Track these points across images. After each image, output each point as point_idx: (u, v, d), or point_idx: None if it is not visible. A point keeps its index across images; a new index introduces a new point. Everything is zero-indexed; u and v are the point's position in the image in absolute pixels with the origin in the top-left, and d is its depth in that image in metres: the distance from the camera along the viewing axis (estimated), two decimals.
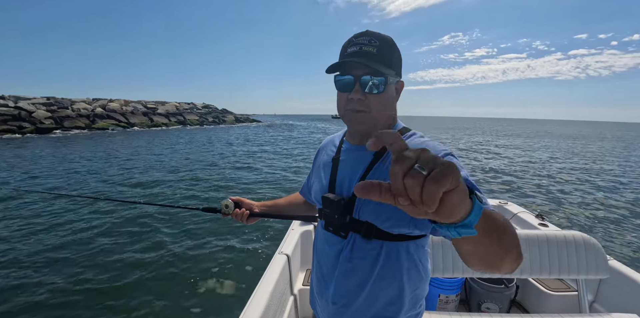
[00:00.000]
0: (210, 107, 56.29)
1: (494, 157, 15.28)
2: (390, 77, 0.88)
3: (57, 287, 3.75)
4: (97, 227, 5.59)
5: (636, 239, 5.44)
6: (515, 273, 1.86)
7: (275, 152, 17.28)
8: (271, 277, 1.84)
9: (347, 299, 0.98)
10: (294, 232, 2.55)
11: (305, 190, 1.31)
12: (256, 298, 1.62)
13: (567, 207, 7.29)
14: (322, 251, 1.07)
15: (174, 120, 40.85)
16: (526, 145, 22.74)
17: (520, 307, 2.44)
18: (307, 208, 1.34)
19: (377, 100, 0.88)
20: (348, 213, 0.95)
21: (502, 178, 10.23)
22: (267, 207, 1.30)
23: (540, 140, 28.92)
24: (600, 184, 9.62)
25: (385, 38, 0.88)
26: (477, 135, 37.89)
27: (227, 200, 1.25)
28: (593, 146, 23.94)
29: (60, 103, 32.06)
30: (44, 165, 11.96)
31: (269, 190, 8.63)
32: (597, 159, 15.82)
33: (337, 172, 1.01)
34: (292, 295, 2.19)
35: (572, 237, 1.87)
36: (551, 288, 2.25)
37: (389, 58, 0.88)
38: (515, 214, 2.98)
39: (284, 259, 2.10)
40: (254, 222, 1.28)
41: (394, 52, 0.90)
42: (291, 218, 1.31)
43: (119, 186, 8.80)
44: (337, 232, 0.99)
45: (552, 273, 1.84)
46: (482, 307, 2.31)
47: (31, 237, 5.17)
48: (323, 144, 1.19)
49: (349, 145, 1.03)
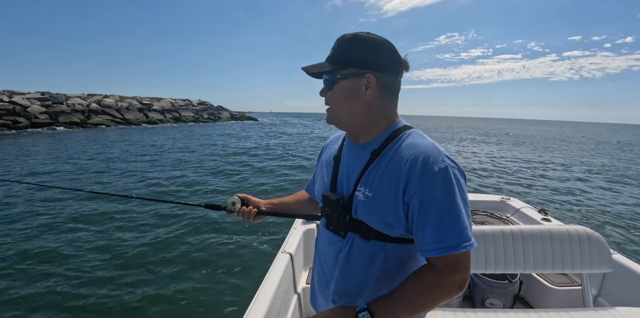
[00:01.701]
0: (206, 104, 55.99)
1: (492, 155, 15.34)
2: (342, 73, 0.90)
3: (52, 283, 3.73)
4: (96, 222, 5.56)
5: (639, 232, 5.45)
6: (518, 269, 1.86)
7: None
8: (275, 276, 1.84)
9: (347, 299, 0.98)
10: (297, 231, 2.54)
11: (311, 187, 1.29)
12: (260, 297, 1.62)
13: (569, 201, 7.32)
14: (323, 250, 1.07)
15: (169, 116, 40.62)
16: (528, 143, 22.86)
17: (524, 302, 2.45)
18: (313, 205, 1.33)
19: (331, 96, 0.94)
20: (347, 213, 0.95)
21: (505, 174, 10.29)
22: (273, 205, 1.29)
23: (544, 140, 29.03)
24: (602, 179, 9.70)
25: (345, 37, 0.90)
26: (476, 135, 38.00)
27: (234, 198, 1.21)
28: (593, 144, 24.10)
29: (55, 98, 31.73)
30: (46, 159, 11.85)
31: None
32: (597, 155, 15.94)
33: (338, 170, 1.02)
34: (295, 294, 2.18)
35: (575, 231, 1.87)
36: (555, 283, 2.26)
37: (342, 55, 0.90)
38: (518, 209, 2.99)
39: (287, 258, 2.09)
40: (260, 220, 1.27)
41: (352, 49, 0.90)
42: (298, 216, 1.27)
43: (119, 180, 8.74)
44: (337, 231, 0.99)
45: (555, 268, 1.83)
46: (486, 303, 2.32)
47: (33, 233, 5.14)
48: (328, 141, 1.19)
49: (349, 143, 1.03)
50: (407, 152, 0.86)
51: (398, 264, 0.92)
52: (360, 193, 0.91)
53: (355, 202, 0.92)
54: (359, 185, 0.92)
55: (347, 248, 0.96)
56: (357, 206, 0.92)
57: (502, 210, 3.18)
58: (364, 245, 0.93)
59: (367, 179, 0.90)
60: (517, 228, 1.89)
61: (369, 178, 0.90)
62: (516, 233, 1.86)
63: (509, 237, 1.86)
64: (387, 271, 0.93)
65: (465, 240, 0.80)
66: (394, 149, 0.89)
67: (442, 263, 0.82)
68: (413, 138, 0.90)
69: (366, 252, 0.93)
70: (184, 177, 9.50)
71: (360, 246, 0.94)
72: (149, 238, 5.03)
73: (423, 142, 0.88)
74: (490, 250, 1.85)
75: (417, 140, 0.88)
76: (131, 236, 5.09)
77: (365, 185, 0.90)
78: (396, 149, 0.89)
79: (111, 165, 10.95)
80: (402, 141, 0.90)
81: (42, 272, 3.96)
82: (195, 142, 19.35)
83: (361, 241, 0.93)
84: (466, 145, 22.55)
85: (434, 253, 0.81)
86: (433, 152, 0.84)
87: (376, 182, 0.88)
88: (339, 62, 0.91)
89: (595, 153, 17.45)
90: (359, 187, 0.92)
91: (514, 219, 2.96)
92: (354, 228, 0.94)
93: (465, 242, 0.80)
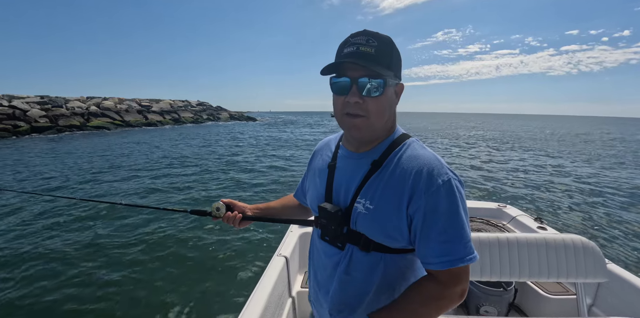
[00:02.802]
0: (205, 105, 56.01)
1: (490, 159, 15.30)
2: (390, 79, 0.84)
3: (43, 285, 3.75)
4: (84, 229, 5.53)
5: (635, 243, 5.45)
6: (514, 277, 1.86)
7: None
8: (269, 279, 1.84)
9: (346, 313, 0.96)
10: (293, 234, 2.55)
11: (300, 193, 1.26)
12: (254, 301, 1.62)
13: (565, 210, 7.30)
14: (319, 261, 1.05)
15: (169, 117, 40.60)
16: (527, 146, 22.81)
17: (518, 310, 2.44)
18: (301, 211, 1.30)
19: (375, 104, 0.83)
20: (345, 225, 0.93)
21: (501, 181, 10.24)
22: (260, 210, 1.25)
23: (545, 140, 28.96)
24: (599, 187, 9.65)
25: (384, 37, 0.84)
26: (475, 129, 37.96)
27: (218, 203, 1.18)
28: (593, 145, 24.04)
29: (54, 101, 31.72)
30: (36, 165, 11.86)
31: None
32: (593, 160, 15.89)
33: (333, 179, 0.98)
34: (290, 297, 2.18)
35: (570, 240, 1.86)
36: (550, 292, 2.25)
37: (388, 59, 0.84)
38: (514, 217, 2.98)
39: (282, 261, 2.09)
40: (245, 226, 1.23)
41: (393, 52, 0.85)
42: (284, 222, 1.21)
43: (102, 186, 8.71)
44: (334, 243, 0.97)
45: (550, 277, 1.83)
46: (481, 311, 2.31)
47: (22, 237, 5.13)
48: (318, 146, 1.16)
49: (345, 152, 0.99)
50: (409, 163, 0.85)
51: (398, 274, 0.92)
52: (360, 205, 0.89)
53: (354, 214, 0.90)
54: (359, 197, 0.89)
55: (346, 260, 0.94)
56: (356, 218, 0.90)
57: (498, 217, 3.18)
58: (363, 258, 0.92)
59: (368, 191, 0.88)
60: (513, 236, 1.89)
61: (370, 190, 0.88)
62: (512, 241, 1.86)
63: (504, 245, 1.86)
64: (387, 281, 0.92)
65: (470, 253, 0.81)
66: (395, 160, 0.88)
67: (445, 276, 0.82)
68: (414, 149, 0.89)
69: (366, 264, 0.92)
70: (178, 180, 9.50)
71: (360, 258, 0.92)
72: (140, 240, 5.02)
73: (425, 153, 0.87)
74: (486, 257, 1.85)
75: (419, 152, 0.88)
76: (121, 239, 5.08)
77: (366, 197, 0.88)
78: (397, 160, 0.87)
79: (101, 170, 10.96)
80: (403, 152, 0.89)
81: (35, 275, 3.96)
82: (190, 144, 19.35)
83: (360, 253, 0.92)
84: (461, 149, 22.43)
85: (440, 266, 0.81)
86: (436, 164, 0.83)
87: (378, 194, 0.86)
88: (386, 66, 0.83)
89: (598, 157, 17.36)
90: (358, 198, 0.90)
91: (510, 227, 2.95)
92: (352, 240, 0.92)
93: (470, 254, 0.81)
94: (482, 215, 3.18)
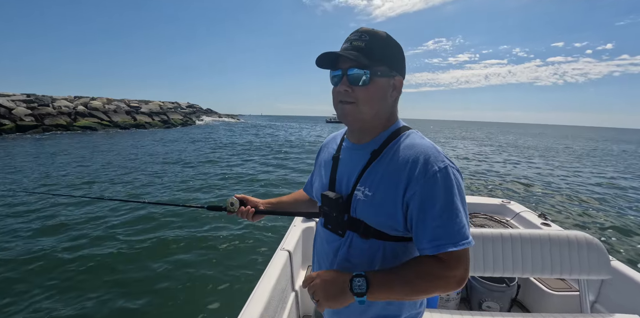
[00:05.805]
0: (195, 107, 55.71)
1: (493, 157, 15.50)
2: (380, 71, 0.88)
3: (52, 285, 3.68)
4: (101, 227, 5.44)
5: (639, 240, 5.52)
6: (517, 273, 1.86)
7: None
8: (272, 274, 1.83)
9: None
10: (296, 229, 2.53)
11: (309, 187, 1.31)
12: (257, 295, 1.61)
13: (569, 206, 7.37)
14: (321, 249, 1.08)
15: (158, 119, 40.02)
16: (528, 145, 23.15)
17: (521, 306, 2.45)
18: (311, 205, 1.34)
19: (363, 93, 0.88)
20: (346, 212, 0.95)
21: (506, 177, 10.37)
22: (271, 204, 1.30)
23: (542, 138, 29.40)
24: (603, 185, 9.82)
25: (378, 33, 0.89)
26: (474, 131, 38.41)
27: (232, 198, 1.24)
28: (594, 148, 24.52)
29: (40, 100, 31.04)
30: (35, 164, 11.58)
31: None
32: (594, 159, 16.21)
33: (337, 170, 1.02)
34: (293, 292, 2.17)
35: (574, 237, 1.87)
36: (553, 288, 2.26)
37: (379, 51, 0.88)
38: (518, 213, 3.00)
39: (285, 255, 2.08)
40: (259, 220, 1.29)
41: (387, 46, 0.90)
42: (296, 214, 1.31)
43: (122, 186, 8.63)
44: (335, 230, 1.00)
45: (553, 273, 1.84)
46: (483, 306, 2.32)
47: (34, 237, 5.05)
48: (325, 141, 1.21)
49: (349, 144, 1.03)
50: (407, 152, 0.87)
51: (397, 262, 0.92)
52: (359, 193, 0.92)
53: (354, 201, 0.93)
54: (359, 185, 0.92)
55: (346, 247, 0.97)
56: (356, 205, 0.92)
57: (502, 213, 3.21)
58: (362, 244, 0.94)
59: (367, 179, 0.91)
60: (516, 232, 1.90)
61: (369, 177, 0.91)
62: (515, 237, 1.87)
63: (508, 241, 1.86)
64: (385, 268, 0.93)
65: (463, 238, 0.81)
66: (394, 149, 0.91)
67: (446, 257, 0.83)
68: (412, 138, 0.92)
69: (365, 250, 0.94)
70: (184, 179, 9.40)
71: (359, 245, 0.95)
72: (144, 237, 4.95)
73: (423, 142, 0.90)
74: (489, 253, 1.85)
75: (417, 141, 0.90)
76: (124, 236, 4.99)
77: (365, 185, 0.91)
78: (396, 149, 0.90)
79: (109, 171, 10.79)
80: (401, 141, 0.92)
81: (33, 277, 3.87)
82: (185, 145, 19.20)
83: (360, 240, 0.94)
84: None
85: (431, 250, 0.82)
86: (433, 152, 0.85)
87: (376, 181, 0.89)
88: (376, 58, 0.87)
89: (600, 161, 17.73)
90: (358, 186, 0.93)
91: (513, 223, 2.97)
92: (352, 227, 0.95)
93: (463, 239, 0.81)
94: (486, 211, 3.20)
